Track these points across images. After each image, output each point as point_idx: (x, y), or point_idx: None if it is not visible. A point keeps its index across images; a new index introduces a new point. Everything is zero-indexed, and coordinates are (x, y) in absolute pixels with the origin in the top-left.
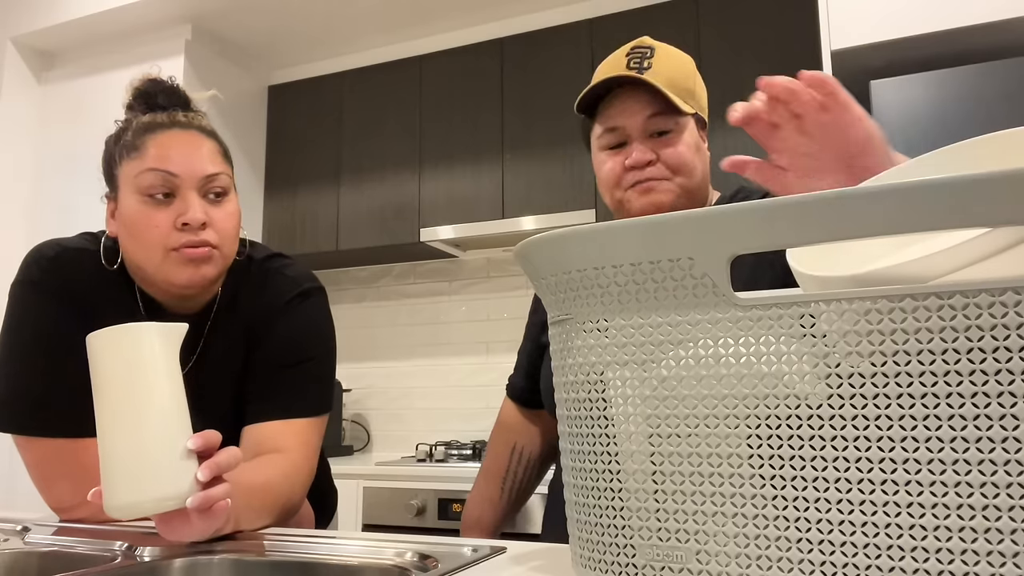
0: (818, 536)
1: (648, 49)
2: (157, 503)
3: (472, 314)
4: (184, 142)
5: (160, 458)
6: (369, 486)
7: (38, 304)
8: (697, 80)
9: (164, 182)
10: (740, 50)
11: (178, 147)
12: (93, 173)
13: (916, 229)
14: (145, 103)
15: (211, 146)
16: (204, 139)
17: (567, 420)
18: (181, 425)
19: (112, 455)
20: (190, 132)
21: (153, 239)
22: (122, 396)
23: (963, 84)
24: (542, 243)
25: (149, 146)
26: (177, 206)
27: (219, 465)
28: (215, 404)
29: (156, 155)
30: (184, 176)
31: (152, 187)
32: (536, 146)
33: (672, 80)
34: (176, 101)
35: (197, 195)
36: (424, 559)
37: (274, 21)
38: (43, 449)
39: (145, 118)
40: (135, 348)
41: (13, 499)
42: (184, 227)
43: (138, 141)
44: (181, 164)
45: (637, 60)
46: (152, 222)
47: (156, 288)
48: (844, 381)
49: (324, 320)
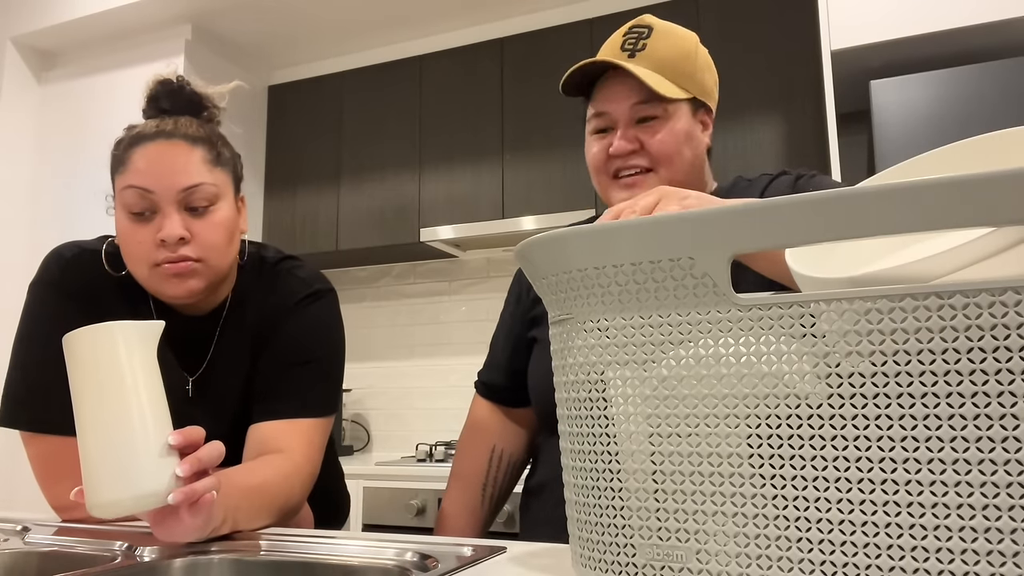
0: (818, 536)
1: (646, 29)
2: (137, 500)
3: (472, 314)
4: (164, 155)
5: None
6: (369, 486)
7: (55, 304)
8: (698, 61)
9: (141, 199)
10: (740, 50)
11: (157, 162)
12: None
13: (916, 229)
14: (155, 107)
15: (197, 155)
16: (188, 149)
17: (567, 420)
18: (158, 422)
19: (90, 454)
20: (172, 143)
21: (138, 255)
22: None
23: (963, 84)
24: (542, 243)
25: (132, 160)
26: (157, 222)
27: (200, 460)
28: (226, 404)
29: (135, 171)
30: (160, 192)
31: (133, 204)
32: (536, 146)
33: (665, 62)
34: (180, 103)
35: (177, 209)
36: (424, 559)
37: (274, 21)
38: (48, 447)
39: (136, 129)
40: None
41: (13, 499)
42: (163, 243)
43: (125, 155)
44: (157, 180)
45: (632, 41)
46: (136, 238)
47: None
48: (844, 381)
49: (333, 321)
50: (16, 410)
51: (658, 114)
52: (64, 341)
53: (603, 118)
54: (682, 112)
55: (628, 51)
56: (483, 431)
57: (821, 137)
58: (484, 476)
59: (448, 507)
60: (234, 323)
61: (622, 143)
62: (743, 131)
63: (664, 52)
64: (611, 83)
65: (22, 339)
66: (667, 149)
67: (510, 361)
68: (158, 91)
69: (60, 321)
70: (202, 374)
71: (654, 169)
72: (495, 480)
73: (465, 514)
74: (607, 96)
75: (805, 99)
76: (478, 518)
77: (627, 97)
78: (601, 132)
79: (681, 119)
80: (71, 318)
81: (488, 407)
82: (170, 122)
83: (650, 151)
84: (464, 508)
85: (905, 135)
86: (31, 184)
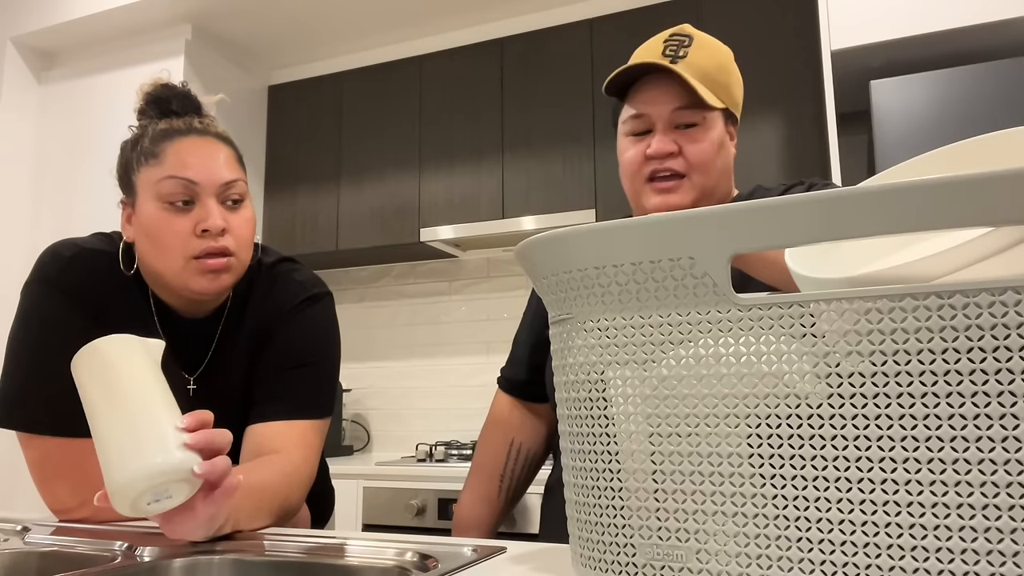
0: (818, 535)
1: (687, 37)
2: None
3: (472, 314)
4: (203, 149)
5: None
6: (369, 486)
7: (52, 303)
8: (733, 73)
9: (184, 189)
10: (740, 50)
11: (197, 154)
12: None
13: (916, 229)
14: (159, 108)
15: (228, 153)
16: (221, 146)
17: (567, 419)
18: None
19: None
20: (207, 139)
21: (173, 246)
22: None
23: (963, 84)
24: (542, 243)
25: (168, 153)
26: (197, 213)
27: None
28: (226, 405)
29: (176, 162)
30: (204, 183)
31: (173, 194)
32: (536, 146)
33: (706, 72)
34: (190, 107)
35: (216, 202)
36: (424, 559)
37: (274, 21)
38: (46, 448)
39: (162, 124)
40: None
41: (13, 499)
42: (204, 233)
43: (156, 148)
44: (201, 171)
45: (673, 48)
46: (172, 229)
47: (171, 293)
48: (844, 380)
49: (330, 325)
50: (12, 411)
51: (697, 121)
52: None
53: (642, 120)
54: (718, 122)
55: (669, 57)
56: (503, 425)
57: (821, 137)
58: (502, 468)
59: (465, 497)
60: (234, 325)
61: (662, 145)
62: (743, 131)
63: (704, 62)
64: (652, 86)
65: (20, 340)
66: (704, 157)
67: (530, 357)
68: (165, 93)
69: (58, 321)
70: (202, 375)
71: (688, 175)
72: (512, 472)
73: (480, 504)
74: (648, 98)
75: (805, 99)
76: (495, 508)
77: (669, 101)
78: (637, 135)
79: (716, 128)
80: (70, 318)
81: (509, 402)
82: (197, 120)
83: (688, 157)
84: (480, 498)
85: (905, 135)
86: (31, 184)
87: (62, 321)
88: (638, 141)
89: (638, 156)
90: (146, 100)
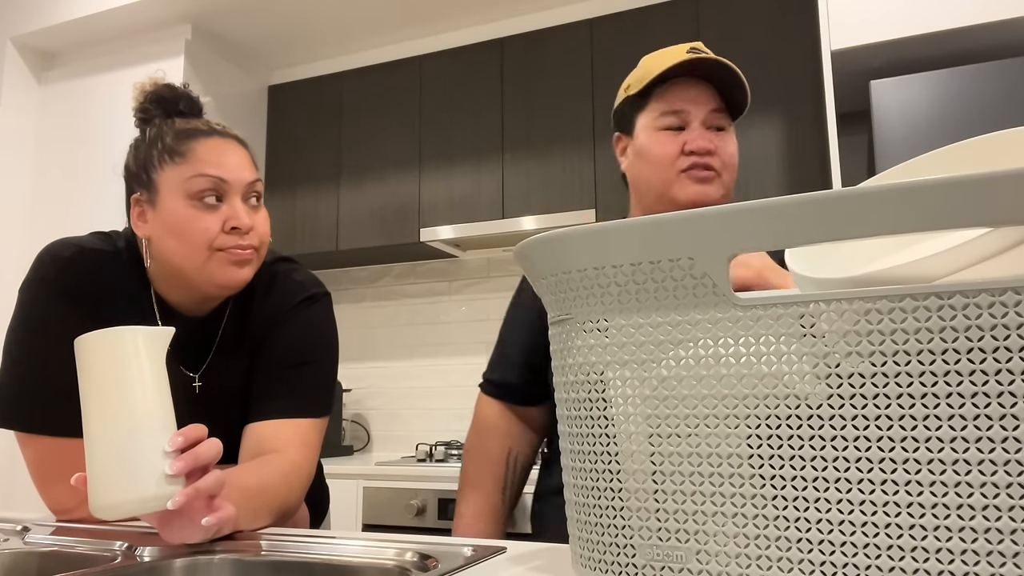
0: (818, 536)
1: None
2: (140, 504)
3: (472, 314)
4: (229, 149)
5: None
6: (369, 486)
7: (52, 303)
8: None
9: (215, 187)
10: (740, 50)
11: (226, 154)
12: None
13: (916, 229)
14: (164, 108)
15: (247, 154)
16: (241, 148)
17: (567, 420)
18: (165, 428)
19: (97, 456)
20: (228, 140)
21: (200, 240)
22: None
23: (963, 84)
24: (542, 243)
25: (196, 151)
26: (225, 211)
27: (197, 456)
28: (227, 405)
29: (206, 161)
30: (233, 182)
31: (203, 191)
32: (536, 146)
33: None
34: (195, 110)
35: (240, 200)
36: (424, 559)
37: (274, 21)
38: (44, 448)
39: (182, 124)
40: (119, 351)
41: (13, 499)
42: (233, 231)
43: (181, 147)
44: (230, 170)
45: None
46: (201, 225)
47: (183, 289)
48: (844, 381)
49: (328, 325)
50: (11, 411)
51: (725, 125)
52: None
53: (678, 116)
54: (734, 129)
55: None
56: (496, 433)
57: (821, 137)
58: (503, 480)
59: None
60: (234, 325)
61: (704, 141)
62: (743, 131)
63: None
64: (688, 85)
65: (18, 340)
66: (734, 160)
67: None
68: (169, 94)
69: (57, 321)
70: (203, 375)
71: (719, 173)
72: (512, 483)
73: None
74: (686, 96)
75: (805, 99)
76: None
77: (707, 101)
78: (671, 130)
79: (734, 134)
80: (69, 318)
81: (498, 408)
82: (215, 123)
83: (722, 157)
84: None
85: (905, 135)
86: (31, 184)
87: (61, 321)
88: (674, 136)
89: (676, 149)
90: (149, 99)
